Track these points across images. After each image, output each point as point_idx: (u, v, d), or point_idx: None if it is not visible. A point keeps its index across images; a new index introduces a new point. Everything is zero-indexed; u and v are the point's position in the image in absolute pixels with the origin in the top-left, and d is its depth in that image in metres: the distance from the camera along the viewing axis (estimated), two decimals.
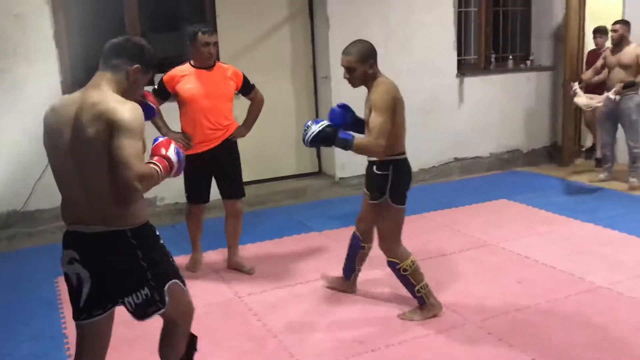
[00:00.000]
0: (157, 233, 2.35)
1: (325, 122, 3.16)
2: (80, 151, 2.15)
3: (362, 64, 3.19)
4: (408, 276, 3.34)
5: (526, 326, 3.31)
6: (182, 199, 5.82)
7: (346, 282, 3.80)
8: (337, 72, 6.31)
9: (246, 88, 4.17)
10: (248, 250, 4.65)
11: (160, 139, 2.38)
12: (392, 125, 3.13)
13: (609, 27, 6.15)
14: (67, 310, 3.78)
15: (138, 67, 2.31)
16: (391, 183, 3.22)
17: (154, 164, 2.23)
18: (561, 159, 7.25)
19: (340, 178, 6.53)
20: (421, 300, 3.41)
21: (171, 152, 2.32)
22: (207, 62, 3.96)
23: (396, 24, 6.49)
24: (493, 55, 7.34)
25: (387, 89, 3.16)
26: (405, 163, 3.29)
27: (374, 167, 3.27)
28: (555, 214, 5.32)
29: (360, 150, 3.13)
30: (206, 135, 3.99)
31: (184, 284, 2.40)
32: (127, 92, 2.30)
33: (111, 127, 2.09)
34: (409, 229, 3.56)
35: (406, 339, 3.23)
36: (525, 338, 3.19)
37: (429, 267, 4.15)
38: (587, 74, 6.34)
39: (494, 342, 3.18)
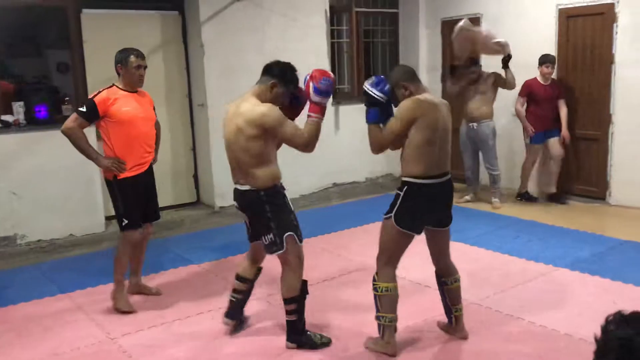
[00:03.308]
0: (285, 196, 3.25)
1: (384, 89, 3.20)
2: (233, 140, 3.18)
3: (396, 89, 3.19)
4: (376, 297, 3.25)
5: (403, 345, 3.39)
6: (47, 235, 5.44)
7: (451, 326, 3.50)
8: (213, 100, 6.28)
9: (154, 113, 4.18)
10: None
11: (305, 84, 3.19)
12: (403, 138, 3.13)
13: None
14: None
15: (275, 82, 3.21)
16: (400, 204, 3.14)
17: (310, 116, 3.17)
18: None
19: (220, 207, 6.41)
20: (379, 328, 3.27)
21: (312, 95, 3.14)
22: (137, 85, 3.92)
23: (272, 52, 6.55)
24: None
25: (407, 105, 3.12)
26: (421, 188, 3.13)
27: (398, 187, 3.24)
28: None
29: (369, 131, 3.23)
30: (142, 158, 3.95)
31: (300, 238, 3.24)
32: (272, 100, 3.20)
33: (267, 125, 3.09)
34: None
35: None
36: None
37: (313, 294, 4.15)
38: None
39: None
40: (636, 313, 1.35)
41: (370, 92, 3.20)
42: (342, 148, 7.21)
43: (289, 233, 3.20)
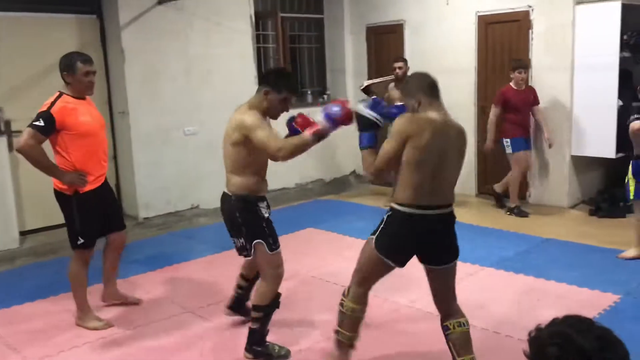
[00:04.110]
0: (259, 205, 3.26)
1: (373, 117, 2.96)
2: (223, 145, 3.25)
3: (408, 98, 2.91)
4: (339, 312, 3.06)
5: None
6: None
7: None
8: (135, 107, 6.05)
9: None
10: (37, 307, 4.12)
11: (295, 121, 3.26)
12: (400, 161, 2.79)
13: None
14: None
15: (267, 89, 3.14)
16: (382, 228, 2.88)
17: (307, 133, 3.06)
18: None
19: (145, 218, 6.18)
20: (335, 342, 3.10)
21: (321, 119, 3.03)
22: (87, 92, 3.68)
23: (195, 57, 6.40)
24: None
25: (399, 121, 2.81)
26: (405, 218, 2.81)
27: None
28: (358, 238, 5.58)
29: (363, 157, 2.96)
30: (103, 168, 3.74)
31: (271, 247, 3.23)
32: (268, 108, 3.18)
33: (244, 131, 3.08)
34: (221, 267, 3.44)
35: None
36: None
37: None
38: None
39: None
40: (556, 318, 1.38)
41: (367, 115, 2.94)
42: None
43: (257, 240, 3.22)
